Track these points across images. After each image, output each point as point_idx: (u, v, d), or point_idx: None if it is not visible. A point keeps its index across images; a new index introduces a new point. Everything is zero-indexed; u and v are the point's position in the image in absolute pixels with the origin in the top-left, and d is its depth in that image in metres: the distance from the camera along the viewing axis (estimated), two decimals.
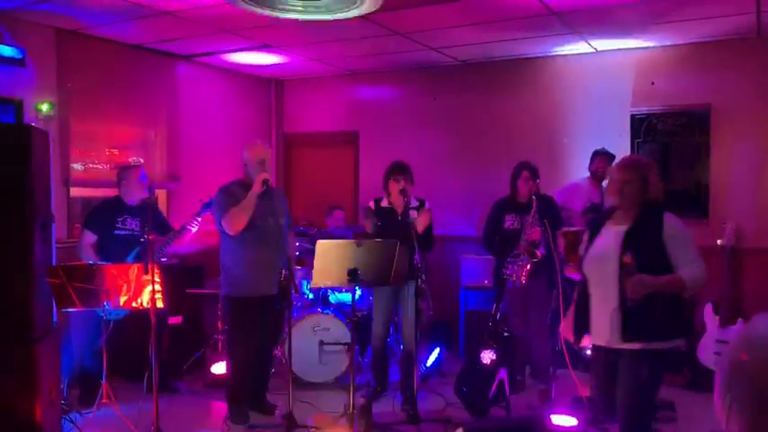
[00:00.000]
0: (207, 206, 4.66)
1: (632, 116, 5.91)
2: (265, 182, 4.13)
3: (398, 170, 4.65)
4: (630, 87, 5.90)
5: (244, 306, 4.28)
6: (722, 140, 5.59)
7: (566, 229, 4.85)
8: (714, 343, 5.08)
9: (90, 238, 4.63)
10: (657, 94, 5.81)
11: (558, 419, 3.93)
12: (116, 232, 4.64)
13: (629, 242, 3.01)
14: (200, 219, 4.76)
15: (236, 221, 4.13)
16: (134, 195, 4.70)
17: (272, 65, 6.72)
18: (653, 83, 5.82)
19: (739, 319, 5.05)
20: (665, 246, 3.02)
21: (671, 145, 5.84)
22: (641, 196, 3.12)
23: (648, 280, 2.90)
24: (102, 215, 4.69)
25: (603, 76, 6.02)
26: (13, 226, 3.58)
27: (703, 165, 5.68)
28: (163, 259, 4.75)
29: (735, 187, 5.54)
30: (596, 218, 3.49)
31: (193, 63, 6.52)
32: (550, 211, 4.68)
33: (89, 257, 4.54)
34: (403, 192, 4.55)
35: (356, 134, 7.24)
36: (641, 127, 5.88)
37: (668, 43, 5.70)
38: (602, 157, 5.39)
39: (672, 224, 3.09)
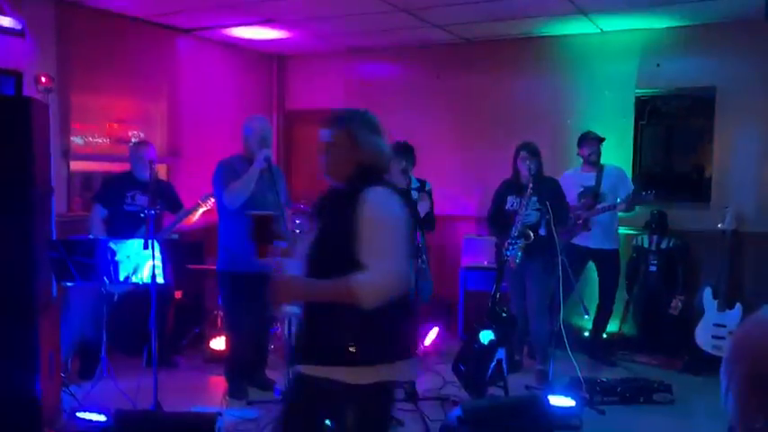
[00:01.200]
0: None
1: (637, 98, 5.86)
2: (267, 159, 4.10)
3: (401, 150, 4.62)
4: (636, 69, 5.86)
5: (241, 281, 4.28)
6: (726, 124, 5.56)
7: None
8: (712, 327, 5.09)
9: (100, 212, 4.61)
10: (663, 76, 5.76)
11: (556, 400, 3.95)
12: (126, 208, 4.62)
13: (317, 223, 2.32)
14: (212, 200, 4.72)
15: (237, 195, 4.12)
16: (142, 172, 4.68)
17: (274, 40, 6.65)
18: (658, 64, 5.77)
19: (738, 304, 5.06)
20: (357, 232, 2.12)
21: (675, 128, 5.81)
22: (350, 161, 2.28)
23: (296, 283, 2.24)
24: (111, 189, 4.67)
25: (609, 57, 5.97)
26: (13, 199, 3.57)
27: (706, 148, 5.65)
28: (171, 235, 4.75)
29: (737, 171, 5.51)
30: None
31: (195, 37, 6.45)
32: (552, 192, 4.66)
33: (99, 232, 4.53)
34: (404, 172, 4.53)
35: None
36: (645, 109, 5.84)
37: (675, 25, 5.64)
38: (591, 141, 5.33)
39: (372, 202, 2.13)
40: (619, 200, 5.10)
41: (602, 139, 5.28)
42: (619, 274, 5.43)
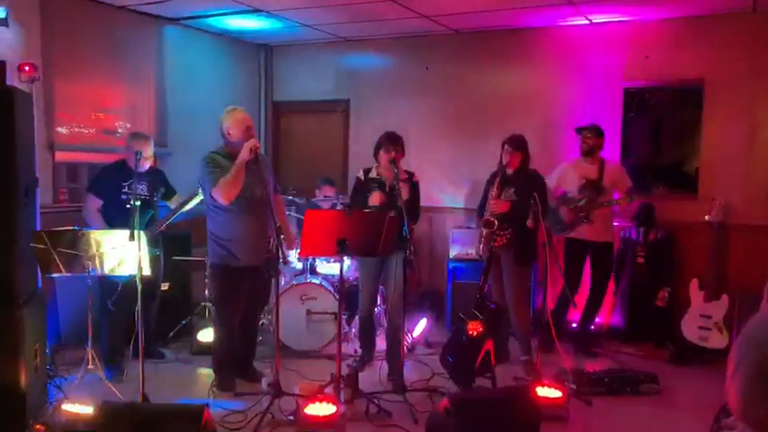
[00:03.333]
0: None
1: (625, 90, 5.87)
2: (254, 149, 4.05)
3: (391, 141, 4.60)
4: (624, 60, 5.86)
5: (231, 275, 4.26)
6: (714, 116, 5.58)
7: None
8: (698, 318, 5.13)
9: (95, 202, 4.55)
10: (651, 68, 5.77)
11: (543, 391, 3.97)
12: (123, 197, 4.56)
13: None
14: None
15: (228, 191, 4.07)
16: (139, 163, 4.61)
17: (261, 30, 6.60)
18: (647, 56, 5.78)
19: (724, 295, 5.09)
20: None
21: (663, 120, 5.82)
22: None
23: None
24: (107, 179, 4.61)
25: (598, 48, 5.97)
26: None
27: (694, 140, 5.67)
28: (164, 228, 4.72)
29: (724, 163, 5.54)
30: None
31: (181, 26, 6.39)
32: (538, 185, 4.66)
33: (95, 222, 4.48)
34: (393, 163, 4.52)
35: (347, 102, 7.17)
36: (634, 101, 5.85)
37: (664, 16, 5.64)
38: (587, 132, 5.31)
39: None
40: (617, 197, 5.14)
41: (589, 130, 5.27)
42: (612, 268, 5.46)
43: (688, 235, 5.60)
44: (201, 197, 4.52)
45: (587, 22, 5.90)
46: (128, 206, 4.45)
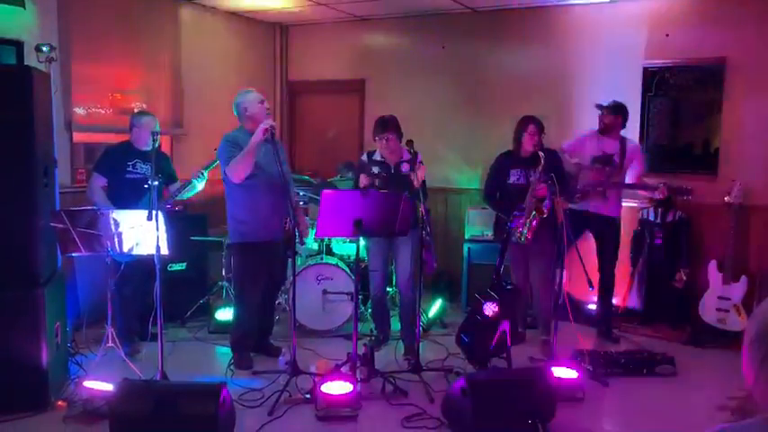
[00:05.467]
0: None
1: (645, 69, 5.78)
2: (271, 129, 4.06)
3: (381, 128, 4.50)
4: (644, 39, 5.77)
5: (251, 252, 4.31)
6: (735, 96, 5.48)
7: None
8: (717, 300, 5.09)
9: (100, 181, 4.58)
10: (671, 47, 5.67)
11: (559, 371, 3.97)
12: (128, 176, 4.59)
13: None
14: (205, 173, 4.70)
15: (239, 170, 4.10)
16: (143, 142, 4.63)
17: (276, 9, 6.57)
18: (667, 35, 5.68)
19: (743, 277, 5.04)
20: None
21: (682, 100, 5.73)
22: None
23: None
24: (112, 159, 4.64)
25: (617, 27, 5.87)
26: (15, 171, 3.56)
27: (714, 121, 5.58)
28: (167, 206, 4.73)
29: (745, 144, 5.45)
30: None
31: (197, 6, 6.38)
32: (555, 165, 4.62)
33: (99, 201, 4.51)
34: (390, 148, 4.48)
35: (362, 82, 7.13)
36: (653, 81, 5.76)
37: None
38: (604, 110, 5.21)
39: None
40: (662, 184, 5.04)
41: (607, 108, 5.16)
42: (618, 245, 5.25)
43: (707, 216, 5.53)
44: (200, 186, 4.68)
45: (607, 0, 5.80)
46: (134, 183, 4.50)
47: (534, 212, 4.49)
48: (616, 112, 5.14)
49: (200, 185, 4.72)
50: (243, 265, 4.38)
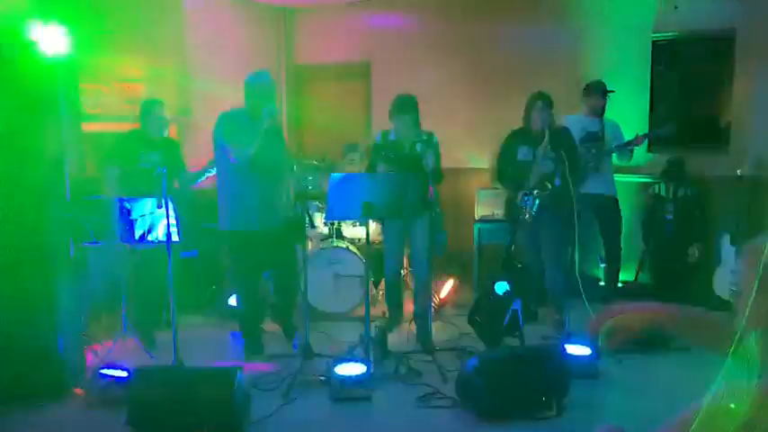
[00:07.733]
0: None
1: (654, 42, 5.70)
2: (271, 114, 4.04)
3: (401, 108, 4.44)
4: (653, 11, 5.68)
5: (244, 240, 4.24)
6: (746, 67, 5.40)
7: None
8: (731, 274, 5.06)
9: (113, 171, 4.60)
10: (681, 19, 5.58)
11: (573, 348, 3.97)
12: (140, 165, 4.60)
13: None
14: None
15: (243, 150, 4.06)
16: (154, 129, 4.64)
17: None
18: (676, 7, 5.59)
19: None
20: None
21: (693, 72, 5.65)
22: None
23: None
24: (124, 149, 4.65)
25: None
26: (28, 161, 3.58)
27: (725, 93, 5.51)
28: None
29: (757, 116, 5.38)
30: None
31: None
32: (566, 143, 4.59)
33: (113, 191, 4.52)
34: (407, 128, 4.44)
35: (368, 64, 7.09)
36: (663, 54, 5.69)
37: None
38: (600, 94, 5.32)
39: None
40: (638, 133, 5.22)
41: (610, 92, 5.29)
42: (620, 222, 5.42)
43: (719, 189, 5.48)
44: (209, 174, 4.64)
45: None
46: (146, 173, 4.50)
47: (537, 190, 4.47)
48: (606, 95, 5.29)
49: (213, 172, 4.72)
50: (237, 253, 4.36)
